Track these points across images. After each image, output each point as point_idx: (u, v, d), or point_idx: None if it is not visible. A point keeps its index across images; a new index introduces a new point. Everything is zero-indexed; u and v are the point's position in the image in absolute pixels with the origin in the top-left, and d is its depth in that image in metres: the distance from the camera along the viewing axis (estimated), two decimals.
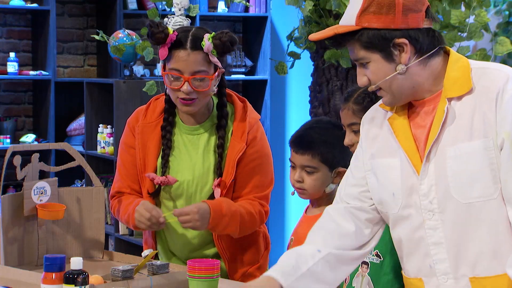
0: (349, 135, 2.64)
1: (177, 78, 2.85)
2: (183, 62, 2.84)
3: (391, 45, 2.20)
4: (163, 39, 2.84)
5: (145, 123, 2.98)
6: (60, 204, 2.92)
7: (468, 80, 2.22)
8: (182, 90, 2.84)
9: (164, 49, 2.85)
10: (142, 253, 2.88)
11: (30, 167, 2.86)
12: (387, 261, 2.59)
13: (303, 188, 2.85)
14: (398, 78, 2.22)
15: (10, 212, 2.82)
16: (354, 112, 2.63)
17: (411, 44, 2.21)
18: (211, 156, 2.94)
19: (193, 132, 2.96)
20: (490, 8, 6.55)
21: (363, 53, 2.23)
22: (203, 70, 2.85)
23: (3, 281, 2.67)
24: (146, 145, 2.94)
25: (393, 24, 2.19)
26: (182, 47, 2.84)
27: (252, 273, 2.99)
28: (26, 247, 2.88)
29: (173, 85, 2.86)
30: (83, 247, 3.00)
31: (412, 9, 2.19)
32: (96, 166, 5.81)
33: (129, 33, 5.46)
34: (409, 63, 2.22)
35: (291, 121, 6.93)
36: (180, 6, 4.54)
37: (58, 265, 2.31)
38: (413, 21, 2.20)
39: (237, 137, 2.93)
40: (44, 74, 6.27)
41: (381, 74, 2.23)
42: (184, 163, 2.94)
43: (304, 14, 4.79)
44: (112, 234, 5.67)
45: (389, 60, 2.22)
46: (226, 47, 2.85)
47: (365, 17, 2.20)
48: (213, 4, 6.98)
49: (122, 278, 2.57)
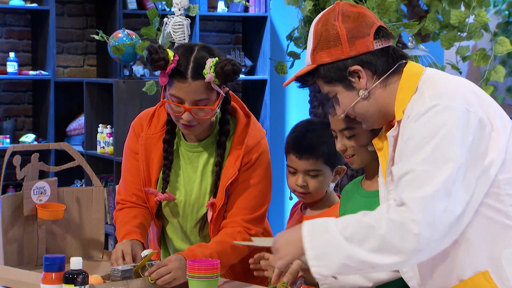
0: (342, 140, 2.60)
1: (177, 106, 2.75)
2: (183, 92, 2.72)
3: (347, 74, 2.28)
4: (163, 66, 2.72)
5: (148, 135, 2.91)
6: (60, 204, 2.92)
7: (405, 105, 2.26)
8: (183, 118, 2.75)
9: (164, 76, 2.74)
10: (142, 253, 2.87)
11: (29, 167, 2.86)
12: None
13: (308, 192, 2.84)
14: (362, 103, 2.31)
15: (10, 212, 2.82)
16: (346, 118, 2.62)
17: (366, 68, 2.28)
18: (208, 177, 2.89)
19: (193, 149, 2.90)
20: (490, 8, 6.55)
21: (327, 88, 2.33)
22: (205, 98, 2.74)
23: (3, 281, 2.67)
24: (150, 157, 2.90)
25: (343, 54, 2.27)
26: (183, 76, 2.72)
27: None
28: (25, 247, 2.87)
29: (174, 112, 2.77)
30: (83, 247, 3.00)
31: (358, 36, 2.26)
32: (95, 166, 5.81)
33: (129, 33, 5.46)
34: (369, 87, 2.28)
35: (291, 121, 6.93)
36: (179, 6, 4.54)
37: (58, 265, 2.31)
38: (362, 47, 2.27)
39: (232, 161, 2.84)
40: (43, 74, 6.27)
41: (347, 103, 2.32)
42: (182, 181, 2.91)
43: (304, 14, 4.79)
44: (112, 234, 5.66)
45: (350, 89, 2.30)
46: (229, 77, 2.72)
47: (318, 54, 2.30)
48: (213, 4, 6.98)
49: (121, 278, 2.57)
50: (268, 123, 6.71)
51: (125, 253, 2.73)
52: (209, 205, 2.84)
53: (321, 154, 2.79)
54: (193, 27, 6.47)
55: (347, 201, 2.72)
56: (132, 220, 2.90)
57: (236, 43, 7.07)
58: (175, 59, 2.72)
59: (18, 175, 2.83)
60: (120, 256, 2.72)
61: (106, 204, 5.75)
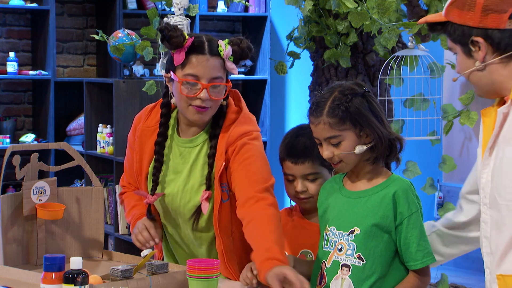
0: (328, 148, 2.57)
1: (193, 84, 2.73)
2: (201, 68, 2.72)
3: (469, 41, 2.27)
4: (180, 43, 2.72)
5: (144, 127, 2.92)
6: (60, 204, 2.92)
7: None
8: (199, 97, 2.73)
9: (180, 54, 2.72)
10: (142, 253, 2.87)
11: (29, 167, 2.86)
12: (369, 265, 2.57)
13: (309, 197, 2.81)
14: (477, 73, 2.30)
15: (10, 212, 2.82)
16: (331, 125, 2.57)
17: (488, 43, 2.25)
18: (198, 170, 2.86)
19: (185, 145, 2.89)
20: None
21: (450, 43, 2.33)
22: (220, 77, 2.76)
23: (3, 281, 2.67)
24: (143, 149, 2.92)
25: (471, 21, 2.25)
26: (201, 51, 2.73)
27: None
28: (25, 247, 2.87)
29: (190, 92, 2.74)
30: (83, 247, 3.00)
31: (494, 10, 2.23)
32: (95, 166, 5.81)
33: (129, 32, 5.46)
34: (486, 61, 2.27)
35: (290, 121, 6.93)
36: (179, 6, 4.54)
37: (58, 265, 2.31)
38: (493, 21, 2.23)
39: (218, 153, 2.81)
40: (43, 74, 6.27)
41: (462, 67, 2.32)
42: (172, 175, 2.89)
43: (304, 14, 4.79)
44: (112, 234, 5.67)
45: (468, 55, 2.30)
46: (245, 53, 2.78)
47: (452, 10, 2.28)
48: (213, 4, 6.98)
49: (121, 278, 2.57)
50: (268, 123, 6.71)
51: (148, 227, 2.81)
52: (204, 198, 2.80)
53: (317, 156, 2.74)
54: (193, 27, 6.47)
55: (327, 198, 2.69)
56: (139, 203, 2.94)
57: None
58: (189, 38, 2.74)
59: (17, 175, 2.83)
60: (144, 229, 2.80)
61: (106, 204, 5.74)
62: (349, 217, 2.60)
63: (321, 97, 2.62)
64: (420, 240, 2.57)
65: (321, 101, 2.61)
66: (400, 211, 2.57)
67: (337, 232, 2.60)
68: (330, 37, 4.80)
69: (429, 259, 2.58)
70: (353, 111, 2.58)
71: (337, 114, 2.56)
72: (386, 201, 2.57)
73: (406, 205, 2.57)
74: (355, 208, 2.61)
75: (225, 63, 2.76)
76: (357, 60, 5.01)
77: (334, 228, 2.61)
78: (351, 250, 2.56)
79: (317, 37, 5.02)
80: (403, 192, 2.58)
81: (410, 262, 2.58)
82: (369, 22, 4.37)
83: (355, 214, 2.59)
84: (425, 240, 2.59)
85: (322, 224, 2.68)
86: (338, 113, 2.56)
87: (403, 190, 2.59)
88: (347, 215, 2.60)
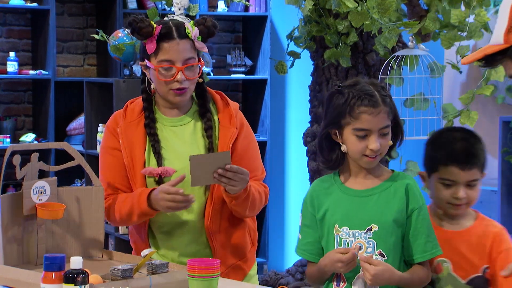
0: (378, 139, 2.59)
1: (168, 69, 2.89)
2: (174, 52, 2.88)
3: None
4: (150, 32, 2.88)
5: (126, 123, 2.99)
6: (60, 204, 2.92)
7: None
8: (176, 79, 2.88)
9: (152, 43, 2.89)
10: (142, 253, 2.87)
11: (29, 166, 2.86)
12: (390, 260, 2.59)
13: (465, 203, 2.70)
14: None
15: (10, 211, 2.82)
16: (388, 115, 2.61)
17: None
18: (200, 142, 2.96)
19: (177, 123, 2.98)
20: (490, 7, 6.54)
21: None
22: (192, 57, 2.91)
23: (3, 280, 2.67)
24: (131, 142, 2.96)
25: None
26: (171, 37, 2.89)
27: (240, 265, 3.03)
28: (25, 246, 2.87)
29: (166, 76, 2.89)
30: (83, 246, 3.00)
31: None
32: (95, 166, 5.79)
33: (129, 32, 5.45)
34: None
35: (291, 121, 6.93)
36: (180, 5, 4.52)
37: (58, 265, 2.31)
38: None
39: (226, 124, 2.96)
40: (43, 74, 6.27)
41: None
42: (174, 154, 2.95)
43: (304, 13, 4.79)
44: (112, 234, 5.67)
45: None
46: (211, 31, 2.95)
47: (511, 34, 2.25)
48: (213, 4, 6.98)
49: (121, 278, 2.57)
50: (268, 123, 6.71)
51: (169, 185, 2.80)
52: None
53: (481, 163, 2.69)
54: None
55: (324, 199, 2.69)
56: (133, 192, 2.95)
57: (236, 42, 7.07)
58: (157, 26, 2.89)
59: (18, 175, 2.82)
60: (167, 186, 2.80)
61: None
62: (363, 215, 2.61)
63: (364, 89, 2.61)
64: (429, 231, 2.61)
65: (368, 92, 2.60)
66: (411, 203, 2.61)
67: (352, 231, 2.61)
68: (330, 37, 4.80)
69: (437, 250, 2.62)
70: (392, 104, 2.65)
71: (388, 104, 2.61)
72: (399, 195, 2.61)
73: (416, 197, 2.63)
74: (367, 206, 2.62)
75: (194, 44, 2.91)
76: (357, 59, 5.01)
77: (347, 228, 2.62)
78: (371, 248, 2.58)
79: (317, 37, 5.02)
80: (414, 185, 2.64)
81: (417, 255, 2.61)
82: (369, 22, 4.38)
83: (369, 212, 2.61)
84: (432, 231, 2.63)
85: (325, 227, 2.67)
86: (389, 103, 2.62)
87: (414, 183, 2.65)
88: (359, 214, 2.62)
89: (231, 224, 2.99)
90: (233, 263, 3.01)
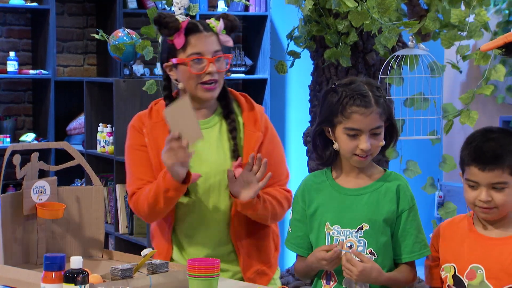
0: (368, 139, 2.59)
1: (199, 62, 2.89)
2: (202, 45, 2.90)
3: None
4: (177, 26, 2.89)
5: (152, 123, 2.96)
6: (60, 203, 2.92)
7: None
8: (209, 71, 2.88)
9: (180, 37, 2.89)
10: (142, 252, 2.87)
11: (29, 166, 2.86)
12: (380, 259, 2.59)
13: (493, 207, 2.52)
14: None
15: (10, 211, 2.82)
16: (380, 115, 2.60)
17: None
18: (225, 145, 2.94)
19: (203, 126, 2.93)
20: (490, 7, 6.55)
21: None
22: (220, 50, 2.93)
23: (3, 280, 2.67)
24: (157, 143, 2.92)
25: None
26: (198, 30, 2.90)
27: (264, 271, 3.02)
28: (25, 246, 2.87)
29: (197, 69, 2.89)
30: (83, 246, 3.00)
31: None
32: (96, 165, 5.81)
33: (129, 32, 5.46)
34: None
35: (291, 120, 6.93)
36: (180, 5, 4.53)
37: (58, 264, 2.31)
38: None
39: (251, 127, 2.95)
40: (44, 73, 6.27)
41: None
42: (198, 160, 2.91)
43: (304, 13, 4.79)
44: (112, 233, 5.67)
45: None
46: (234, 25, 2.97)
47: None
48: (213, 3, 6.98)
49: (121, 277, 2.57)
50: None
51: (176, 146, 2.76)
52: (237, 165, 2.87)
53: (508, 165, 2.49)
54: None
55: (316, 195, 2.69)
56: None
57: (236, 42, 7.07)
58: (183, 21, 2.91)
59: (18, 174, 2.83)
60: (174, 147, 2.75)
61: (106, 203, 5.74)
62: (354, 214, 2.61)
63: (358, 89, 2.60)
64: (418, 232, 2.62)
65: (362, 92, 2.60)
66: (401, 204, 2.61)
67: (343, 230, 2.62)
68: (330, 37, 4.80)
69: (426, 250, 2.62)
70: (386, 104, 2.63)
71: (381, 104, 2.61)
72: (390, 195, 2.61)
73: (407, 198, 2.63)
74: (358, 204, 2.62)
75: (219, 37, 2.94)
76: (357, 59, 5.01)
77: (339, 226, 2.62)
78: (362, 246, 2.59)
79: (317, 37, 5.02)
80: (405, 186, 2.65)
81: (404, 255, 2.62)
82: (369, 22, 4.37)
83: (360, 211, 2.61)
84: (422, 232, 2.63)
85: (316, 223, 2.68)
86: (383, 103, 2.61)
87: (405, 183, 2.66)
88: (351, 213, 2.62)
89: (256, 229, 2.99)
90: (258, 268, 3.00)
